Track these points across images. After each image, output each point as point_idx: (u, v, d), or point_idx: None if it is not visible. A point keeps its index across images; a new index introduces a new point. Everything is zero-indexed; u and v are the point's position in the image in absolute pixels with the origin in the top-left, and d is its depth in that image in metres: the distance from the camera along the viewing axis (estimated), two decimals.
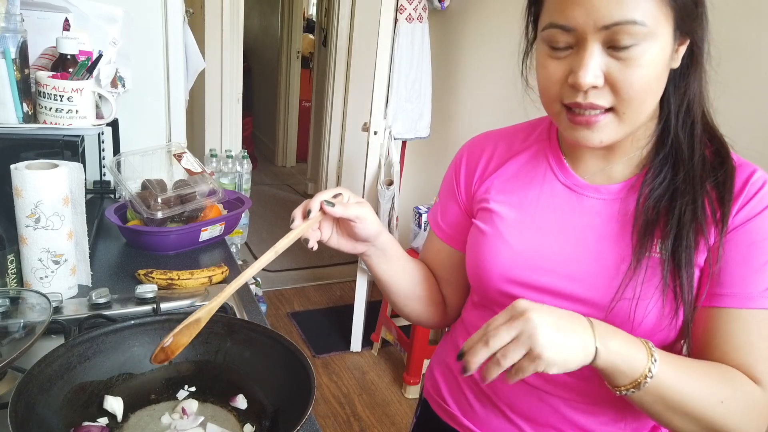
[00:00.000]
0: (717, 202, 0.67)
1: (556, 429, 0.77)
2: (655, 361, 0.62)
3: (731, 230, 0.67)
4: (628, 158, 0.73)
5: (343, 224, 0.77)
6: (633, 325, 0.68)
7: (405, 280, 0.86)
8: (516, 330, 0.58)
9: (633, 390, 0.62)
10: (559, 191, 0.76)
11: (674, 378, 0.63)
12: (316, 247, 0.74)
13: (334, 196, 0.74)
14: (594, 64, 0.62)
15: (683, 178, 0.68)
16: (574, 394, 0.75)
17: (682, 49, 0.66)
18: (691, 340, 0.71)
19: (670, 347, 0.72)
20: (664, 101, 0.70)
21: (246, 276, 0.71)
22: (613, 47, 0.61)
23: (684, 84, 0.68)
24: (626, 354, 0.61)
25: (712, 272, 0.67)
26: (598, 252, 0.71)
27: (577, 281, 0.72)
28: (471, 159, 0.85)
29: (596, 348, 0.60)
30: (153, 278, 1.11)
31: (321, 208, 0.73)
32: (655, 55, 0.62)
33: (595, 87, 0.63)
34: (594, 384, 0.74)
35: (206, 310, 0.72)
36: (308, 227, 0.73)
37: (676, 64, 0.67)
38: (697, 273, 0.68)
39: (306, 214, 0.72)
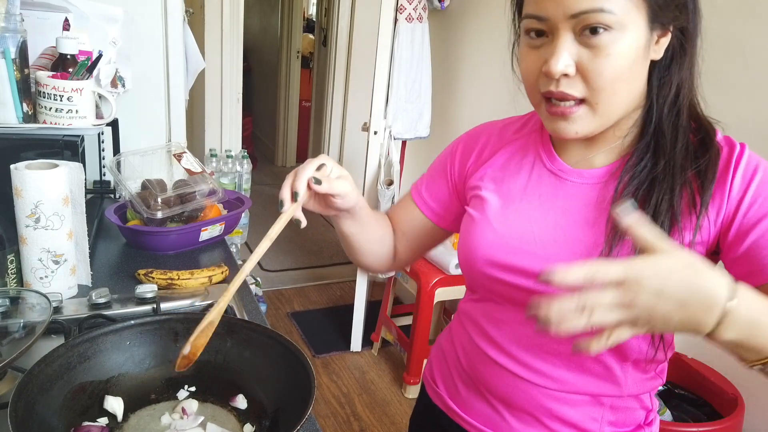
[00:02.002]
0: (698, 191, 0.68)
1: (532, 415, 0.79)
2: None
3: (744, 213, 0.65)
4: (610, 147, 0.74)
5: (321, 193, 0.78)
6: None
7: (366, 240, 0.89)
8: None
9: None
10: (544, 177, 0.78)
11: None
12: (305, 224, 0.75)
13: (318, 168, 0.75)
14: (565, 53, 0.64)
15: (663, 167, 0.69)
16: (548, 381, 0.76)
17: (664, 41, 0.67)
18: None
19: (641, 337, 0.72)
20: (648, 92, 0.71)
21: (246, 270, 0.72)
22: (584, 35, 0.63)
23: (668, 75, 0.69)
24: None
25: (726, 251, 0.67)
26: (573, 236, 0.73)
27: (552, 263, 0.72)
28: (467, 146, 0.89)
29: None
30: (153, 278, 1.11)
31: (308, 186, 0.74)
32: (626, 46, 0.63)
33: (566, 75, 0.65)
34: (568, 373, 0.75)
35: (216, 312, 0.73)
36: (297, 208, 0.74)
37: (658, 56, 0.68)
38: None
39: (294, 195, 0.73)
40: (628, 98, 0.67)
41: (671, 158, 0.69)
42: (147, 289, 1.03)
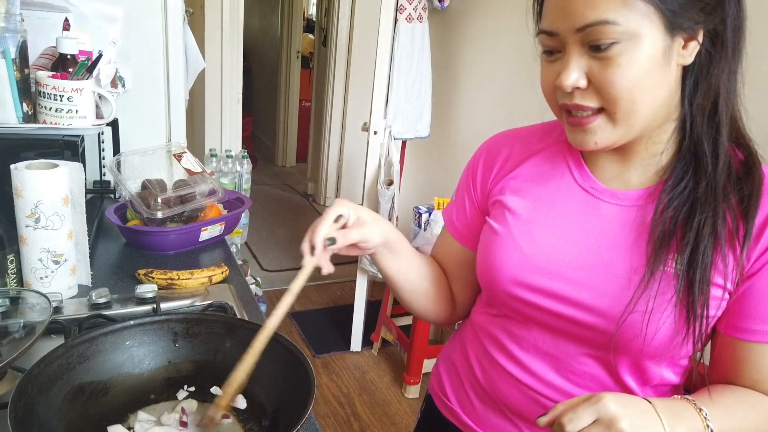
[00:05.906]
0: (741, 217, 0.65)
1: None
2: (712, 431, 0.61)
3: (762, 264, 0.65)
4: (646, 164, 0.71)
5: None
6: (645, 339, 0.66)
7: (411, 275, 0.86)
8: None
9: None
10: (575, 194, 0.75)
11: None
12: (332, 270, 0.75)
13: (336, 220, 0.75)
14: (574, 67, 0.64)
15: (705, 188, 0.66)
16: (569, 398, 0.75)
17: (693, 45, 0.64)
18: (715, 365, 0.71)
19: (683, 362, 0.72)
20: (681, 100, 0.68)
21: (270, 328, 0.73)
22: (593, 48, 0.63)
23: (700, 81, 0.66)
24: None
25: (735, 294, 0.67)
26: (609, 260, 0.70)
27: (586, 288, 0.70)
28: (489, 158, 0.85)
29: None
30: (153, 278, 1.11)
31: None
32: (638, 55, 0.61)
33: (578, 88, 0.65)
34: (589, 390, 0.73)
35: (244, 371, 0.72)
36: (317, 261, 0.74)
37: (687, 61, 0.65)
38: (714, 291, 0.66)
39: (312, 249, 0.74)
40: (650, 107, 0.64)
41: (713, 179, 0.66)
42: (147, 289, 1.03)
